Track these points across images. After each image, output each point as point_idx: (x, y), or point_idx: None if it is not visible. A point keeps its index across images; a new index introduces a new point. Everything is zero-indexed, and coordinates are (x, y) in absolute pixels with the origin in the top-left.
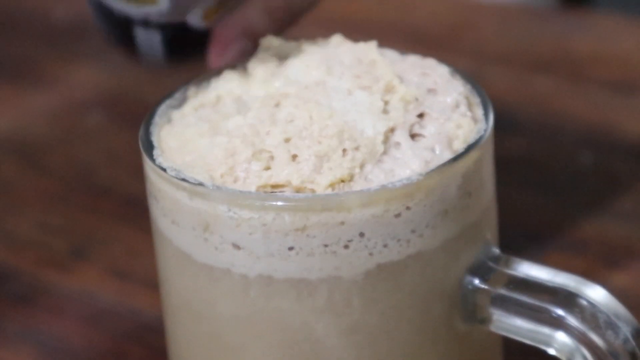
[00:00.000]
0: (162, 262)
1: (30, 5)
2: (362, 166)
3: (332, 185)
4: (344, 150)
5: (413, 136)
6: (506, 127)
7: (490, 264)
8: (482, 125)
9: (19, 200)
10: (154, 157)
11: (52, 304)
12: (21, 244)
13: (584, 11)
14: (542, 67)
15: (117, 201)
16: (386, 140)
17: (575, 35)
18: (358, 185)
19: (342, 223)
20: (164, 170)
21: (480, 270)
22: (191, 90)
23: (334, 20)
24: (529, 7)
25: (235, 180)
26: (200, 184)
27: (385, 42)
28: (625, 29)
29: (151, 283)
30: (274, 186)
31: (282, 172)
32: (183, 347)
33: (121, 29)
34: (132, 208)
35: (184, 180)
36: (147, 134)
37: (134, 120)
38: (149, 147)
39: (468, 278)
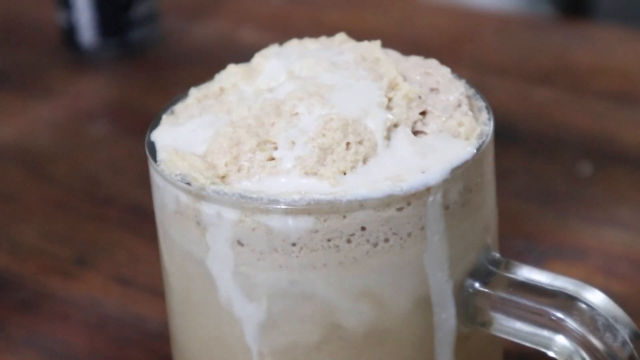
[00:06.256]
0: (167, 262)
1: (36, 15)
2: (364, 160)
3: (334, 177)
4: (348, 144)
5: (415, 133)
6: (506, 137)
7: (491, 267)
8: (483, 125)
9: (23, 208)
10: (159, 161)
11: (56, 311)
12: (26, 252)
13: (583, 23)
14: (542, 78)
15: (120, 209)
16: (389, 135)
17: (574, 47)
18: (361, 178)
19: (344, 217)
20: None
21: (481, 273)
22: (193, 89)
23: (334, 31)
24: (528, 19)
25: (239, 170)
26: (203, 189)
27: None
28: (625, 41)
29: (155, 290)
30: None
31: (286, 163)
32: (187, 349)
33: None
34: (136, 216)
35: (187, 184)
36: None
37: (137, 130)
38: (154, 151)
39: (469, 281)
